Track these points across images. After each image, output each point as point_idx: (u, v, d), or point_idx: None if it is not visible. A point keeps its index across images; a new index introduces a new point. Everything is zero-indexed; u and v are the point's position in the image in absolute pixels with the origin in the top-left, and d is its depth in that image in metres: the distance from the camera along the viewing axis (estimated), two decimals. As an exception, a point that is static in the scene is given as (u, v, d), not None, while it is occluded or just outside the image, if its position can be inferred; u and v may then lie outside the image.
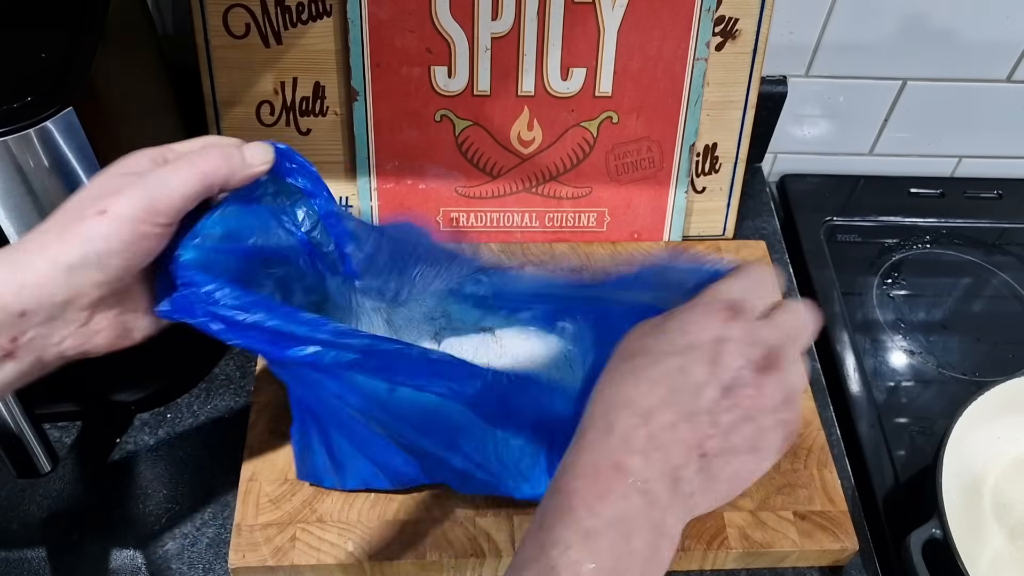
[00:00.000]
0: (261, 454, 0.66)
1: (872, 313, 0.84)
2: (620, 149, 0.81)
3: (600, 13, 0.74)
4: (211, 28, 0.73)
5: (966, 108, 0.91)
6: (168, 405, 0.72)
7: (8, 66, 0.53)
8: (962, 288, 0.88)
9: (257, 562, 0.61)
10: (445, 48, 0.75)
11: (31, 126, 0.49)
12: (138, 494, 0.67)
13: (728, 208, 0.86)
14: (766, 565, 0.66)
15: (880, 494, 0.71)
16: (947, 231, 0.92)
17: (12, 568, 0.63)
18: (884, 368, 0.80)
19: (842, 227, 0.91)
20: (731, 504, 0.66)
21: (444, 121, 0.78)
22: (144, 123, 0.66)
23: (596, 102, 0.78)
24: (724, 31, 0.77)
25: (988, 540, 0.67)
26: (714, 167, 0.84)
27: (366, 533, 0.63)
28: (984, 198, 0.95)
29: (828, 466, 0.69)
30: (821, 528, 0.65)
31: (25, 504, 0.66)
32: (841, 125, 0.93)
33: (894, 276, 0.88)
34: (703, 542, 0.64)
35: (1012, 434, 0.71)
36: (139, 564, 0.63)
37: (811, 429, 0.71)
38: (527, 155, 0.80)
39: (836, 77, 0.88)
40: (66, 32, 0.54)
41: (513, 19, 0.74)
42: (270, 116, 0.78)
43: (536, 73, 0.76)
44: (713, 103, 0.80)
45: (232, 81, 0.76)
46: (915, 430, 0.75)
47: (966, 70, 0.88)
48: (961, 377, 0.80)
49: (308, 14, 0.73)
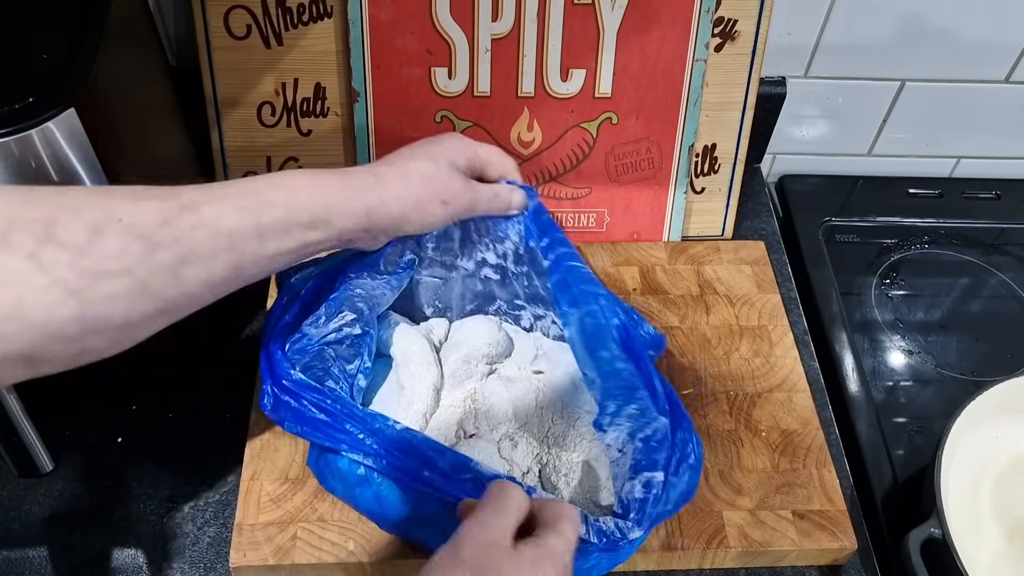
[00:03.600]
0: (262, 453, 0.66)
1: (871, 313, 0.84)
2: (620, 150, 0.81)
3: (600, 14, 0.74)
4: (212, 29, 0.73)
5: (964, 109, 0.91)
6: (169, 405, 0.72)
7: (10, 67, 0.53)
8: (960, 288, 0.88)
9: (258, 561, 0.61)
10: (445, 49, 0.75)
11: (33, 127, 0.49)
12: (139, 494, 0.67)
13: (727, 208, 0.86)
14: (765, 564, 0.66)
15: (879, 493, 0.71)
16: (945, 231, 0.92)
17: (13, 567, 0.63)
18: (883, 368, 0.80)
19: (841, 227, 0.91)
20: (730, 503, 0.66)
21: (444, 122, 0.78)
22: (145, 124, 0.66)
23: (596, 103, 0.78)
24: (723, 32, 0.77)
25: (987, 539, 0.67)
26: (713, 168, 0.84)
27: (367, 532, 0.63)
28: (982, 198, 0.95)
29: (827, 465, 0.69)
30: (820, 527, 0.65)
31: (26, 503, 0.66)
32: (840, 126, 0.93)
33: (893, 276, 0.88)
34: (702, 541, 0.64)
35: (1010, 434, 0.71)
36: (140, 563, 0.63)
37: (810, 429, 0.71)
38: (527, 156, 0.80)
39: (835, 78, 0.88)
40: (67, 33, 0.54)
41: (513, 20, 0.74)
42: (271, 117, 0.78)
43: (536, 74, 0.76)
44: (712, 104, 0.81)
45: (233, 82, 0.76)
46: (914, 430, 0.75)
47: (964, 71, 0.88)
48: (959, 377, 0.80)
49: (309, 15, 0.74)
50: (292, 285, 0.65)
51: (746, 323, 0.78)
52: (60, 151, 0.51)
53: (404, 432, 0.58)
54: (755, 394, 0.73)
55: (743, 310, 0.79)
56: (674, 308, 0.79)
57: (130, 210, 0.44)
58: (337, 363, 0.63)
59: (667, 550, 0.64)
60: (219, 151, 0.79)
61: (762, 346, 0.77)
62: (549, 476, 0.65)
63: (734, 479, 0.68)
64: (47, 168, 0.51)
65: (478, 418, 0.67)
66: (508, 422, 0.66)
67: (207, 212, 0.47)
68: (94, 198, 0.44)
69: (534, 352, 0.72)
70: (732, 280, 0.82)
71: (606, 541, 0.55)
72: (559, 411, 0.68)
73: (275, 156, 0.80)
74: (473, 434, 0.66)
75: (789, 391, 0.74)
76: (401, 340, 0.68)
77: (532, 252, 0.66)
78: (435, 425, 0.66)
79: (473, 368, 0.69)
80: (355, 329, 0.63)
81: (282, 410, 0.59)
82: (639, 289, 0.80)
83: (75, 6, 0.56)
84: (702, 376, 0.74)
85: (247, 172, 0.80)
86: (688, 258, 0.83)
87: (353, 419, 0.58)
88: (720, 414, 0.72)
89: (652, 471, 0.57)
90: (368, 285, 0.64)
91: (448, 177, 0.59)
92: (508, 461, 0.64)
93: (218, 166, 0.79)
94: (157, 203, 0.46)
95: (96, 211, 0.43)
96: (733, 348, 0.76)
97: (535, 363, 0.72)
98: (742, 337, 0.77)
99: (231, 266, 0.48)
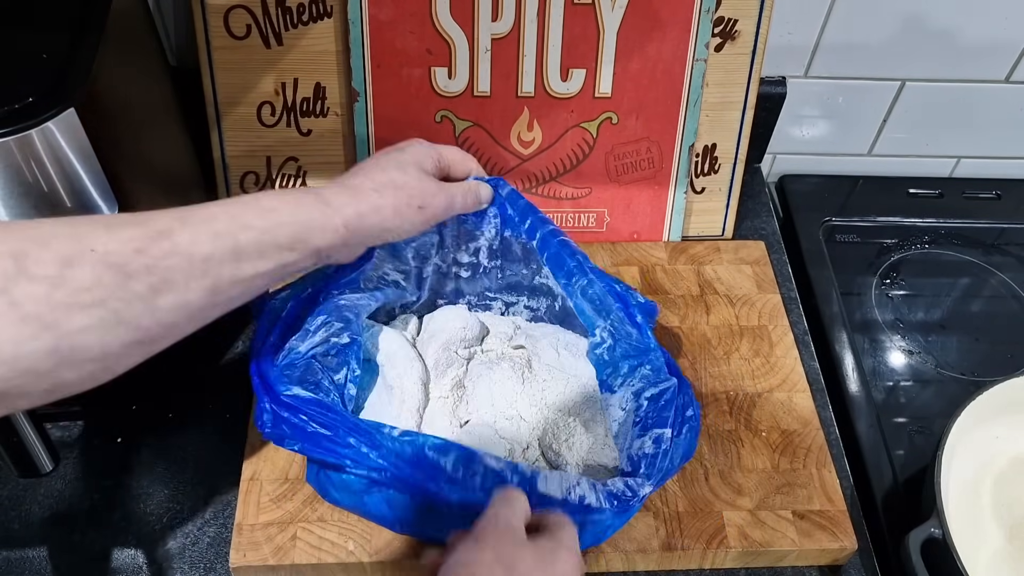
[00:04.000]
0: (262, 453, 0.66)
1: (871, 313, 0.84)
2: (620, 150, 0.81)
3: (600, 14, 0.74)
4: (212, 29, 0.73)
5: (965, 109, 0.91)
6: (169, 405, 0.72)
7: (9, 66, 0.53)
8: (960, 288, 0.88)
9: (258, 561, 0.61)
10: (445, 49, 0.75)
11: (33, 126, 0.49)
12: (139, 494, 0.67)
13: (727, 208, 0.86)
14: (765, 564, 0.66)
15: (879, 493, 0.71)
16: (946, 231, 0.92)
17: (14, 567, 0.63)
18: (883, 368, 0.80)
19: (841, 227, 0.91)
20: (730, 503, 0.66)
21: (444, 122, 0.78)
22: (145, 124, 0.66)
23: (596, 103, 0.78)
24: (723, 32, 0.77)
25: (987, 539, 0.67)
26: (713, 167, 0.84)
27: (367, 532, 0.63)
28: (982, 198, 0.95)
29: (827, 466, 0.69)
30: (820, 527, 0.65)
31: (27, 503, 0.66)
32: (840, 126, 0.93)
33: (893, 276, 0.88)
34: (702, 541, 0.64)
35: (1011, 434, 0.71)
36: (140, 563, 0.63)
37: (810, 429, 0.71)
38: (527, 156, 0.80)
39: (835, 78, 0.88)
40: (67, 33, 0.54)
41: (513, 20, 0.74)
42: (271, 117, 0.78)
43: (536, 74, 0.76)
44: (712, 104, 0.81)
45: (233, 82, 0.76)
46: (914, 430, 0.75)
47: (965, 71, 0.88)
48: (960, 377, 0.80)
49: (309, 15, 0.74)
50: (273, 307, 0.65)
51: (746, 323, 0.78)
52: (60, 151, 0.51)
53: (407, 440, 0.58)
54: (755, 394, 0.73)
55: (743, 310, 0.79)
56: (674, 308, 0.79)
57: (103, 240, 0.44)
58: (325, 374, 0.62)
59: (667, 550, 0.64)
60: (219, 151, 0.79)
61: (762, 346, 0.77)
62: (551, 444, 0.65)
63: (734, 479, 0.68)
64: (47, 168, 0.51)
65: (470, 404, 0.67)
66: (500, 402, 0.67)
67: (182, 238, 0.46)
68: (65, 229, 0.44)
69: (511, 330, 0.73)
70: (732, 280, 0.82)
71: (618, 504, 0.57)
72: (547, 381, 0.68)
73: (275, 156, 0.80)
74: (468, 420, 0.66)
75: (789, 391, 0.74)
76: (381, 342, 0.68)
77: (506, 243, 0.68)
78: (429, 419, 0.66)
79: (454, 355, 0.69)
80: (343, 338, 0.63)
81: (282, 427, 0.59)
82: (639, 289, 0.80)
83: (75, 6, 0.56)
84: (702, 376, 0.74)
85: (247, 172, 0.80)
86: (688, 258, 0.83)
87: (356, 432, 0.58)
88: (720, 414, 0.72)
89: (662, 428, 0.60)
90: (351, 297, 0.65)
91: (420, 182, 0.59)
92: (508, 440, 0.65)
93: (218, 166, 0.79)
94: (130, 231, 0.45)
95: (67, 242, 0.43)
96: (733, 348, 0.76)
97: (514, 340, 0.72)
98: (742, 337, 0.77)
99: (207, 291, 0.48)
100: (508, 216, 0.67)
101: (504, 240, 0.68)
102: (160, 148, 0.70)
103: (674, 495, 0.66)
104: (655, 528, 0.64)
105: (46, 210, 0.52)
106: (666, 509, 0.66)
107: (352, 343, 0.64)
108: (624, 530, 0.64)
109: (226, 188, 0.80)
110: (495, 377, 0.68)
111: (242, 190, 0.80)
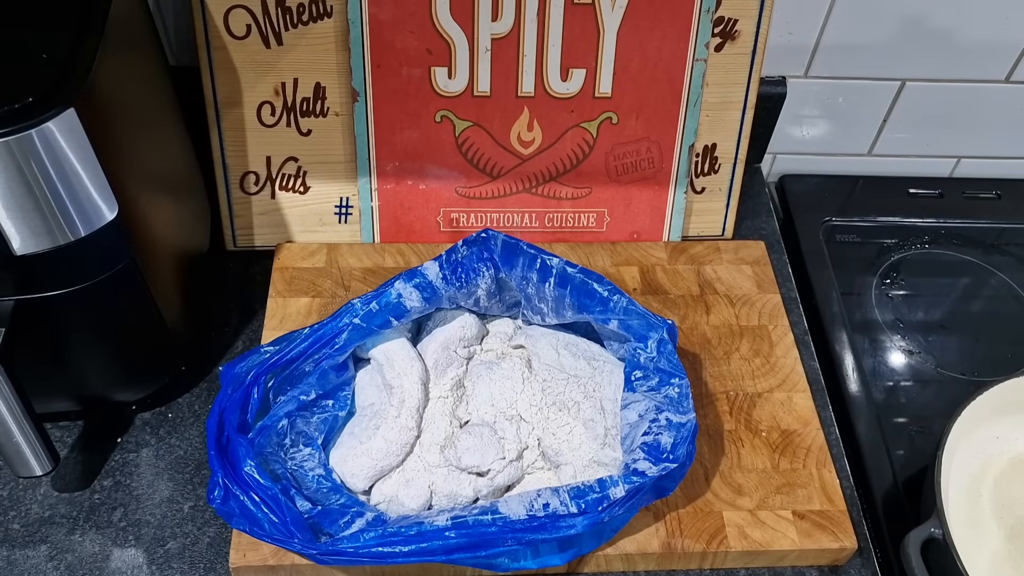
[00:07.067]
0: (262, 454, 0.67)
1: (871, 313, 0.84)
2: (620, 149, 0.81)
3: (600, 14, 0.74)
4: (212, 29, 0.73)
5: (965, 109, 0.91)
6: (169, 404, 0.72)
7: (9, 66, 0.53)
8: (961, 288, 0.88)
9: (258, 561, 0.61)
10: (445, 49, 0.75)
11: (32, 127, 0.49)
12: (139, 493, 0.67)
13: (727, 208, 0.86)
14: (765, 564, 0.66)
15: (879, 494, 0.71)
16: (946, 231, 0.92)
17: (13, 567, 0.63)
18: (883, 368, 0.80)
19: (841, 227, 0.91)
20: (730, 503, 0.66)
21: (444, 122, 0.78)
22: (145, 124, 0.66)
23: (596, 103, 0.78)
24: (723, 32, 0.77)
25: (987, 540, 0.67)
26: (713, 167, 0.84)
27: (366, 532, 0.63)
28: (983, 198, 0.95)
29: (827, 466, 0.69)
30: (820, 527, 0.65)
31: (26, 503, 0.66)
32: (840, 126, 0.93)
33: (893, 276, 0.88)
34: (703, 541, 0.64)
35: (1011, 434, 0.71)
36: (140, 563, 0.63)
37: (810, 429, 0.71)
38: (527, 155, 0.80)
39: (835, 78, 0.88)
40: (67, 33, 0.54)
41: (513, 20, 0.74)
42: (271, 117, 0.78)
43: (536, 74, 0.76)
44: (712, 104, 0.81)
45: (233, 82, 0.76)
46: (914, 430, 0.75)
47: (965, 71, 0.88)
48: (960, 377, 0.80)
49: (309, 15, 0.74)
50: (237, 375, 0.62)
51: (746, 323, 0.78)
52: (60, 151, 0.51)
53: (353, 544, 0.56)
54: (755, 394, 0.73)
55: (743, 310, 0.79)
56: (674, 308, 0.79)
57: None
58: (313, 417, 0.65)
59: (667, 550, 0.64)
60: (219, 151, 0.79)
61: (762, 346, 0.77)
62: (551, 444, 0.65)
63: (734, 479, 0.68)
64: (47, 168, 0.51)
65: (469, 404, 0.67)
66: (500, 402, 0.67)
67: None
68: None
69: (511, 330, 0.73)
70: (732, 280, 0.82)
71: (586, 504, 0.57)
72: (547, 381, 0.68)
73: (275, 156, 0.80)
74: (468, 420, 0.66)
75: (789, 391, 0.74)
76: (381, 342, 0.68)
77: (502, 283, 0.69)
78: (428, 418, 0.66)
79: (453, 355, 0.69)
80: (328, 403, 0.66)
81: (231, 504, 0.56)
82: (639, 289, 0.80)
83: (75, 6, 0.56)
84: (702, 376, 0.74)
85: (247, 172, 0.80)
86: (688, 258, 0.83)
87: (301, 530, 0.56)
88: (720, 414, 0.72)
89: (682, 414, 0.61)
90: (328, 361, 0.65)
91: None
92: (508, 441, 0.64)
93: (218, 166, 0.79)
94: None
95: None
96: (733, 348, 0.76)
97: (514, 340, 0.72)
98: (742, 337, 0.77)
99: None
100: (503, 268, 0.68)
101: (500, 281, 0.69)
102: (160, 148, 0.70)
103: (674, 495, 0.66)
104: (655, 528, 0.64)
105: (46, 210, 0.52)
106: (666, 509, 0.66)
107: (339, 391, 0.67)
108: (624, 530, 0.64)
109: (226, 188, 0.80)
110: (495, 377, 0.68)
111: (242, 190, 0.80)
